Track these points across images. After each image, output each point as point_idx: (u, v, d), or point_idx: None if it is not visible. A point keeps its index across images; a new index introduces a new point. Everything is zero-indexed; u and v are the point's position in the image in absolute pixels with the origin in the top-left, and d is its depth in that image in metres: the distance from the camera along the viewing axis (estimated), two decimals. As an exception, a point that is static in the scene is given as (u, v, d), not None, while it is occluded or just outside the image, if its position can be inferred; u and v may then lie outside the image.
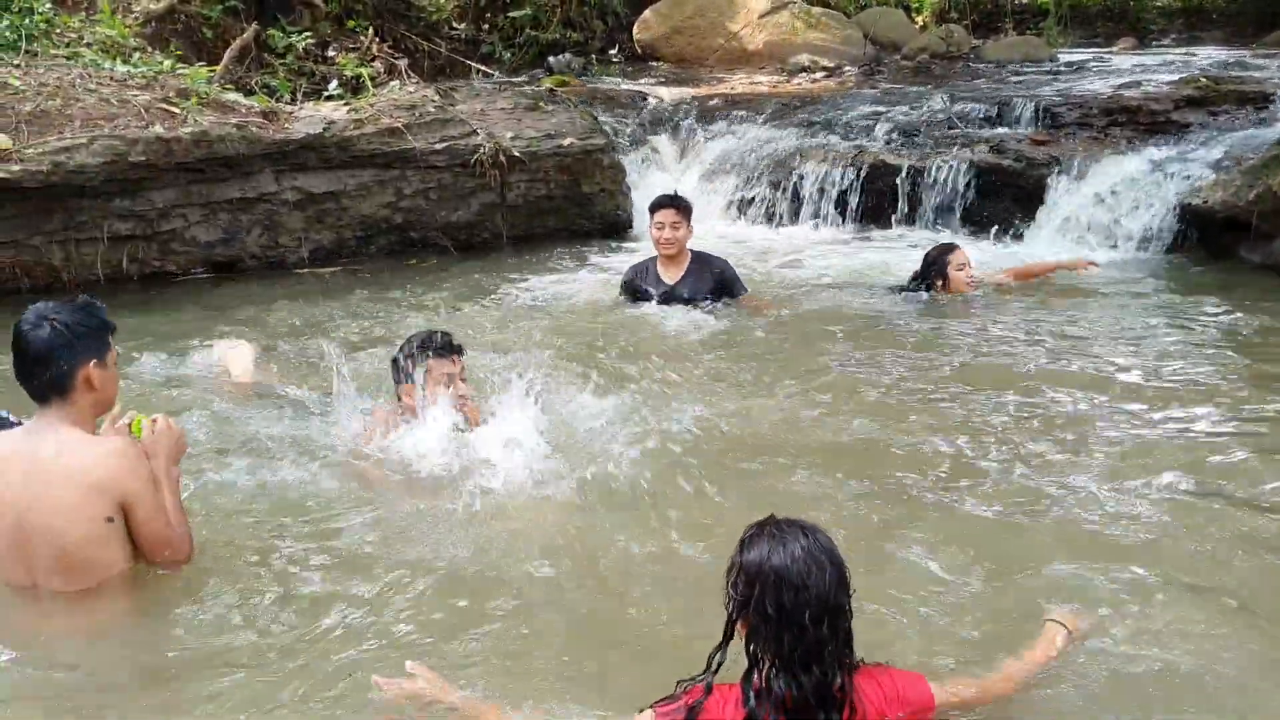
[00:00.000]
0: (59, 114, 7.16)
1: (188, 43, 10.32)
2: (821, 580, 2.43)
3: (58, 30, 8.58)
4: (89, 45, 8.64)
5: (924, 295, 6.66)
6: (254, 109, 8.04)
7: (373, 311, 6.89)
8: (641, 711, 2.57)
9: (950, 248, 6.80)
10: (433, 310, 6.89)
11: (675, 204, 6.53)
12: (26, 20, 8.12)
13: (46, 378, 3.16)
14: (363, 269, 8.15)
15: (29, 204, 7.03)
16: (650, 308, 6.52)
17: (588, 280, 7.64)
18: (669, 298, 6.53)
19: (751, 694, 2.46)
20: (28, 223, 7.12)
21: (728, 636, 2.52)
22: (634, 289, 6.71)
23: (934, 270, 6.69)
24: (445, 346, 4.34)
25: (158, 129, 7.24)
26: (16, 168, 6.79)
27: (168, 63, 8.55)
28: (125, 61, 8.35)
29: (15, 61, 7.56)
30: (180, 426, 3.44)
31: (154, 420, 3.36)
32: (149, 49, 9.24)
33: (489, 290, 7.38)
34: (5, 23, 7.92)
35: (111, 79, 7.78)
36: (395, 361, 4.43)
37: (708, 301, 6.52)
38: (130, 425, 3.35)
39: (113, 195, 7.30)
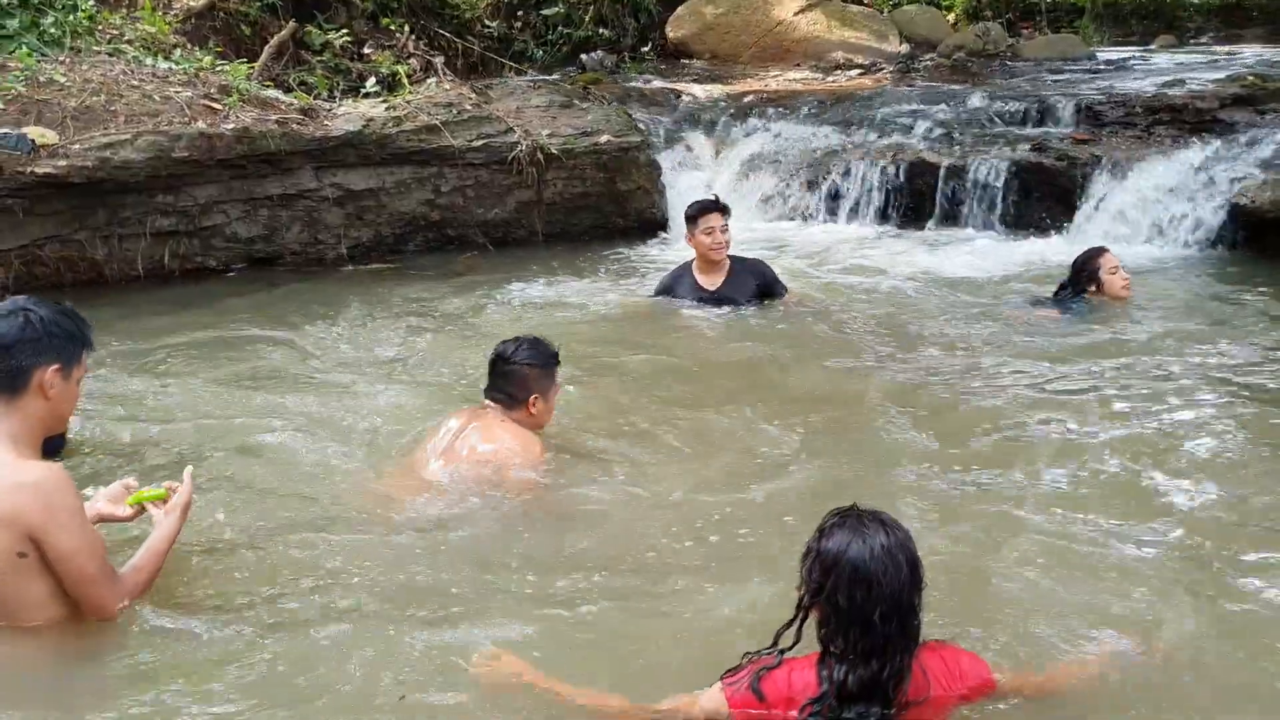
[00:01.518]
0: (103, 110, 7.21)
1: (226, 39, 10.35)
2: (896, 578, 2.45)
3: (100, 27, 8.63)
4: (130, 42, 8.67)
5: (1076, 304, 6.28)
6: (294, 106, 8.07)
7: (410, 308, 6.91)
8: (711, 685, 2.62)
9: (1100, 250, 6.44)
10: (470, 307, 6.89)
11: (720, 207, 6.48)
12: (70, 17, 8.16)
13: (3, 370, 2.94)
14: (401, 265, 8.16)
15: (74, 199, 7.08)
16: (696, 308, 6.48)
17: (624, 278, 7.64)
18: (712, 304, 6.44)
19: (825, 676, 2.50)
20: (73, 217, 7.17)
21: (797, 617, 2.55)
22: (670, 296, 6.62)
23: (1085, 276, 6.33)
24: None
25: (200, 125, 7.28)
26: (63, 163, 6.83)
27: (207, 59, 8.58)
28: (166, 58, 8.39)
29: (60, 58, 7.61)
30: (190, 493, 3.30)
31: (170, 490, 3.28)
32: (189, 45, 9.27)
33: (525, 287, 7.37)
34: (50, 19, 7.97)
35: (154, 75, 7.82)
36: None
37: (751, 305, 6.47)
38: (141, 498, 3.27)
39: (155, 191, 7.34)
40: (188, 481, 3.30)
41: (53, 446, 3.31)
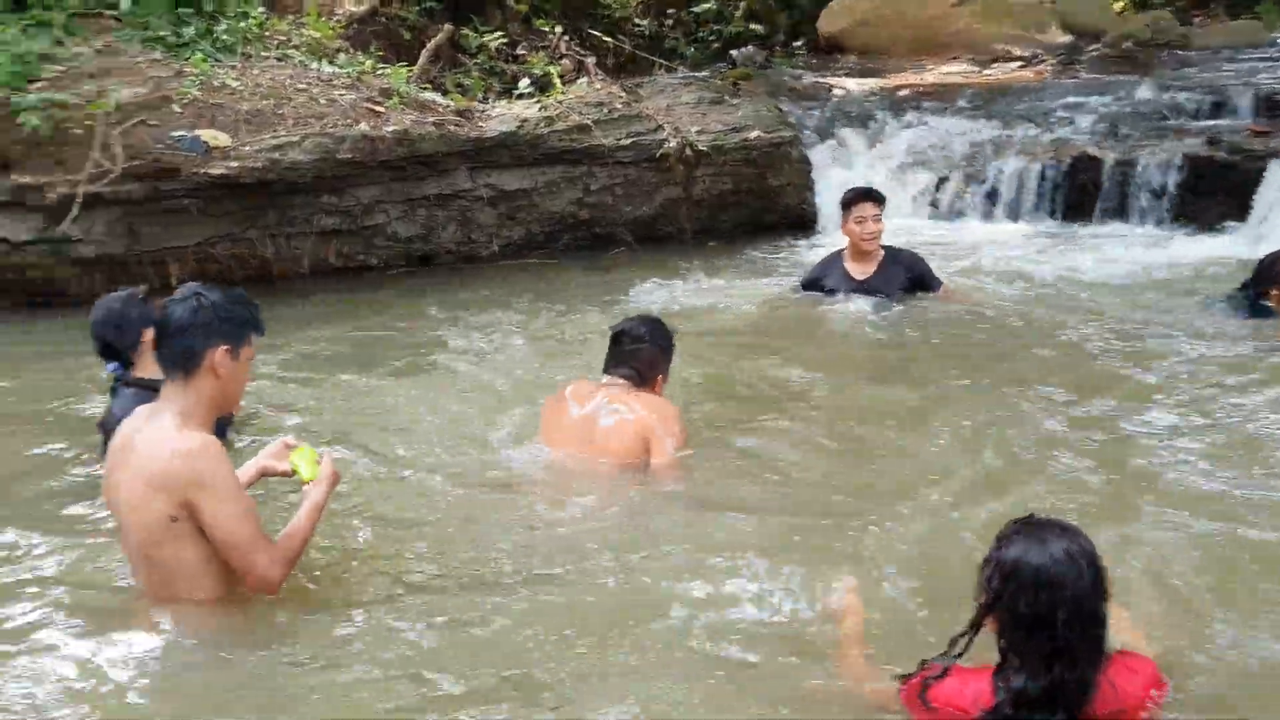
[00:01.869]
0: (272, 113, 7.51)
1: (387, 43, 10.67)
2: (1077, 583, 2.40)
3: (269, 33, 8.99)
4: (297, 47, 9.02)
5: (1255, 308, 5.81)
6: (450, 108, 8.26)
7: (556, 305, 7.02)
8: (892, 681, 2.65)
9: None
10: (616, 304, 6.94)
11: (874, 196, 6.39)
12: (242, 24, 8.53)
13: (178, 350, 3.14)
14: (550, 263, 8.28)
15: (245, 199, 7.40)
16: (841, 301, 6.40)
17: (771, 274, 7.59)
18: (862, 295, 6.35)
19: (1002, 687, 2.45)
20: (244, 217, 7.50)
21: (975, 626, 2.52)
22: (817, 286, 6.56)
23: (1269, 278, 5.76)
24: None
25: (363, 127, 7.52)
26: (235, 164, 7.15)
27: (369, 63, 8.86)
28: (331, 62, 8.69)
29: (233, 64, 7.96)
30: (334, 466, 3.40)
31: (320, 458, 3.37)
32: (352, 50, 9.59)
33: (671, 284, 7.40)
34: (223, 27, 8.34)
35: (319, 79, 8.11)
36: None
37: (901, 298, 6.36)
38: (298, 455, 3.36)
39: (321, 192, 7.62)
40: (327, 463, 3.38)
41: (218, 428, 3.47)
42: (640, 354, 4.31)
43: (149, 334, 3.77)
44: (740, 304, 6.82)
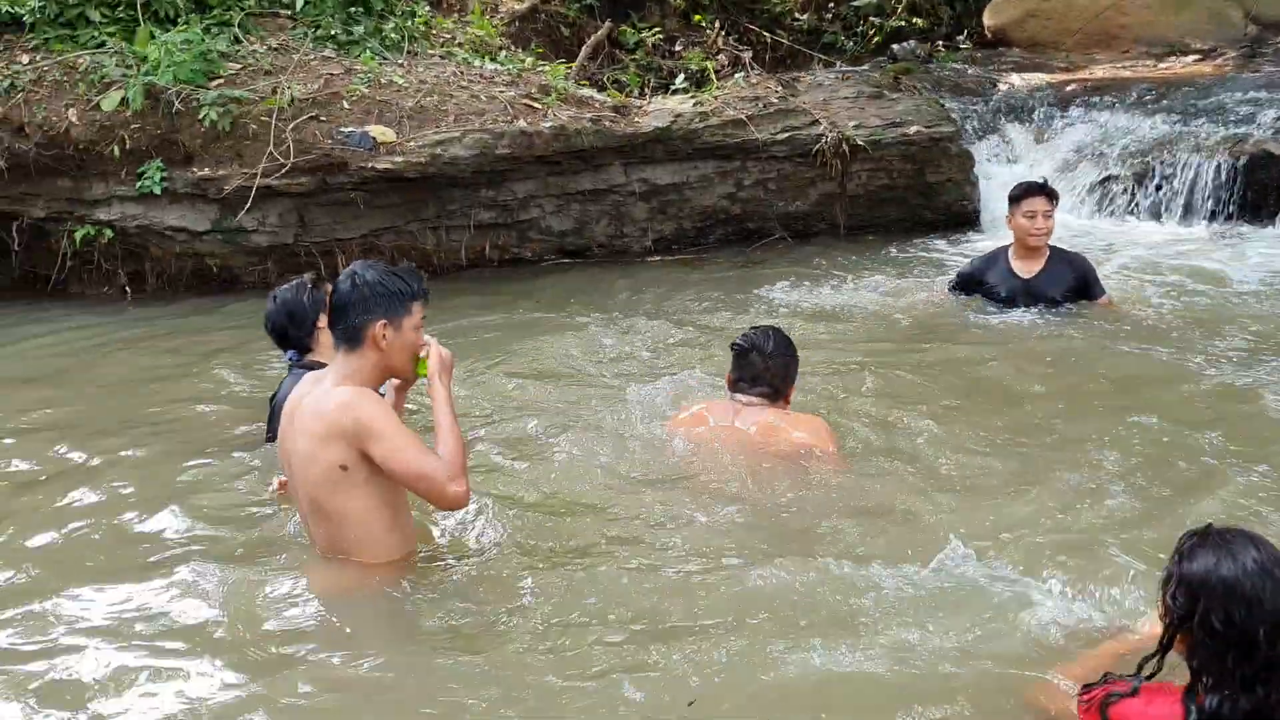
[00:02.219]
0: (435, 109, 7.74)
1: (547, 40, 10.87)
2: (1277, 596, 2.25)
3: (434, 31, 9.26)
4: (460, 45, 9.26)
5: None
6: (606, 104, 8.35)
7: (704, 301, 7.05)
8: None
9: None
10: (766, 300, 6.92)
11: (1046, 191, 6.13)
12: (409, 23, 8.81)
13: (341, 327, 3.33)
14: (701, 258, 8.30)
15: (408, 193, 7.66)
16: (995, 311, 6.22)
17: (929, 273, 7.44)
18: (1024, 293, 6.14)
19: (1194, 709, 2.31)
20: (406, 210, 7.77)
21: (1164, 647, 2.38)
22: (976, 282, 6.36)
23: None
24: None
25: (521, 124, 7.68)
26: (399, 159, 7.41)
27: (529, 60, 9.04)
28: (492, 59, 8.90)
29: (399, 61, 8.23)
30: (448, 351, 3.46)
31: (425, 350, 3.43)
32: (513, 47, 9.80)
33: (823, 281, 7.32)
34: (391, 25, 8.63)
35: (480, 76, 8.31)
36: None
37: (1063, 305, 6.13)
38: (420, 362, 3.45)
39: (479, 186, 7.82)
40: (434, 354, 3.41)
41: None
42: (774, 369, 4.24)
43: (323, 320, 3.97)
44: (890, 305, 6.68)
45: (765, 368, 4.23)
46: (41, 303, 7.62)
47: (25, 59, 7.53)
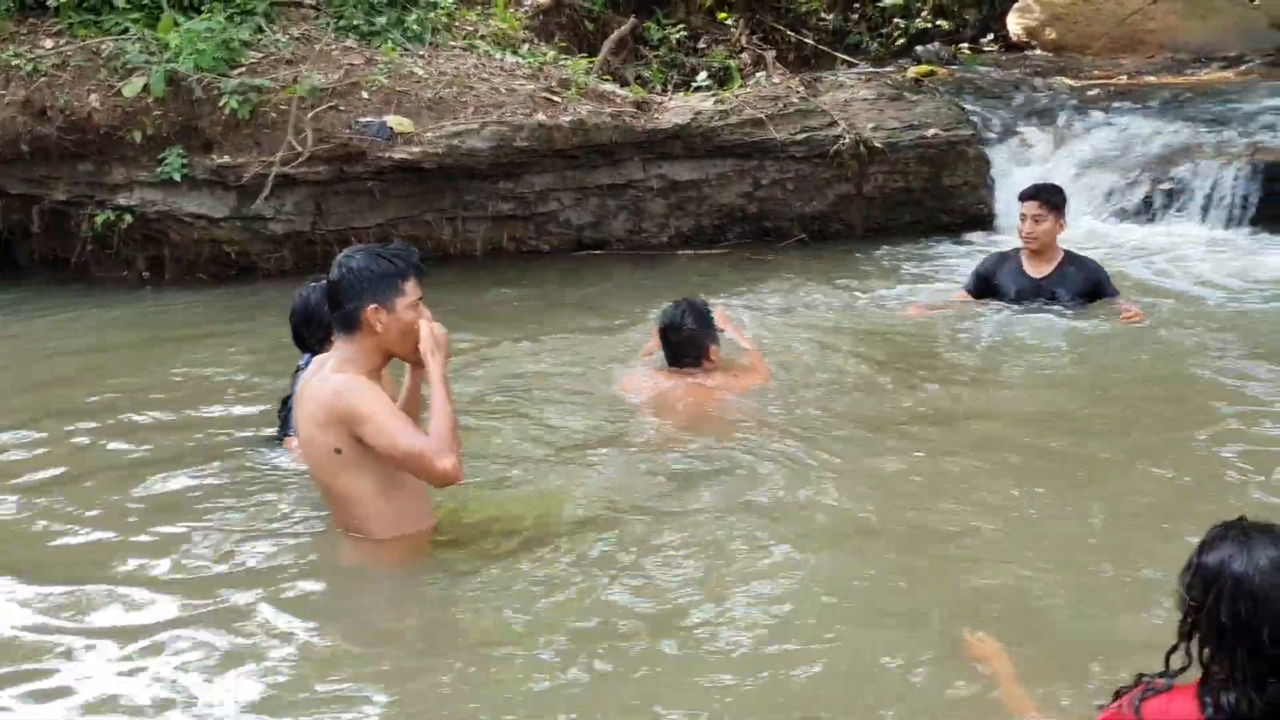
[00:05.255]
0: (455, 101, 7.77)
1: (570, 35, 10.89)
2: None
3: (457, 23, 9.29)
4: (483, 37, 9.28)
5: None
6: (627, 99, 8.37)
7: (715, 296, 7.02)
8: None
9: None
10: (778, 300, 6.92)
11: (1037, 195, 6.18)
12: (431, 14, 8.84)
13: (336, 315, 3.40)
14: (719, 255, 8.30)
15: (425, 183, 7.70)
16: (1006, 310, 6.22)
17: (942, 276, 7.43)
18: (1032, 293, 6.18)
19: (1209, 703, 2.30)
20: (423, 200, 7.81)
21: (1183, 638, 2.36)
22: (987, 279, 6.39)
23: None
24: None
25: (540, 117, 7.70)
26: (417, 149, 7.45)
27: (551, 53, 9.06)
28: (514, 52, 8.92)
29: (420, 52, 8.26)
30: (441, 328, 3.45)
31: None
32: (536, 41, 9.82)
33: (839, 280, 7.33)
34: (413, 16, 8.66)
35: (501, 69, 8.34)
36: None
37: (1073, 305, 6.13)
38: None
39: (497, 178, 7.85)
40: (426, 332, 3.39)
41: None
42: (693, 340, 4.86)
43: None
44: (898, 307, 6.69)
45: (688, 339, 4.87)
46: (61, 285, 7.71)
47: (49, 43, 7.61)
